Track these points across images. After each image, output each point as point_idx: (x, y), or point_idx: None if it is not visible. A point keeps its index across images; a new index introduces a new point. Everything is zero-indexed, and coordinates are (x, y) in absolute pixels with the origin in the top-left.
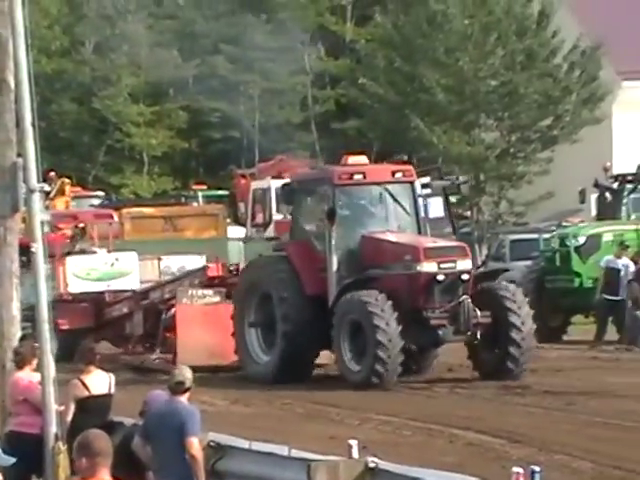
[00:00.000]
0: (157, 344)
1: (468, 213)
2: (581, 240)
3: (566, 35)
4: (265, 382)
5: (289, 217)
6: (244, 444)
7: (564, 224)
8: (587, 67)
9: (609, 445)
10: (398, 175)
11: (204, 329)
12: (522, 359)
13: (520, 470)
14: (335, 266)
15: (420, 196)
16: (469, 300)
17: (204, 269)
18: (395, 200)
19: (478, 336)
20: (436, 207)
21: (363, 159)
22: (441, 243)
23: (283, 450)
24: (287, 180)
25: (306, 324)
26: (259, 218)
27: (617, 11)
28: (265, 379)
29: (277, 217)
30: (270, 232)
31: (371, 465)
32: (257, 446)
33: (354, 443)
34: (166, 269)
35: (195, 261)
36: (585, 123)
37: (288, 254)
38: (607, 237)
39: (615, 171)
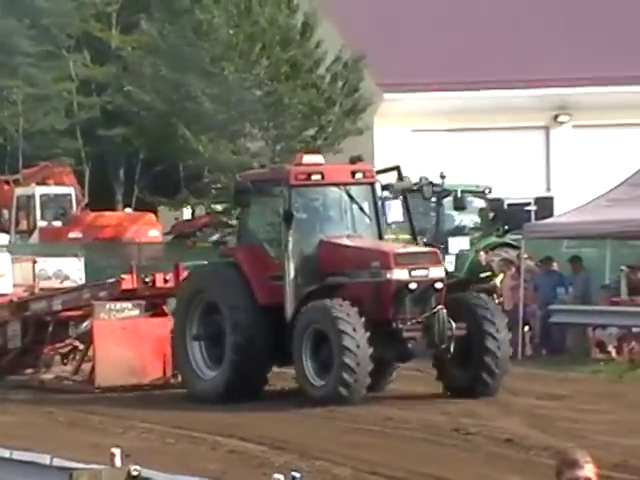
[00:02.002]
0: (40, 361)
1: (233, 222)
2: None
3: (329, 46)
4: (213, 400)
5: (55, 224)
6: (5, 453)
7: None
8: (349, 78)
9: (369, 451)
10: (358, 176)
11: (123, 345)
12: (498, 371)
13: (281, 477)
14: (292, 274)
15: (380, 199)
16: (444, 311)
17: (117, 282)
18: (355, 202)
19: (452, 349)
20: (395, 211)
21: (319, 158)
22: (412, 249)
23: (44, 459)
24: (239, 180)
25: (258, 336)
26: (23, 225)
27: (378, 24)
28: (213, 397)
29: (41, 224)
30: (35, 239)
31: (134, 473)
32: (18, 455)
33: (117, 451)
34: (42, 272)
35: (73, 264)
36: (348, 133)
37: (237, 260)
38: None
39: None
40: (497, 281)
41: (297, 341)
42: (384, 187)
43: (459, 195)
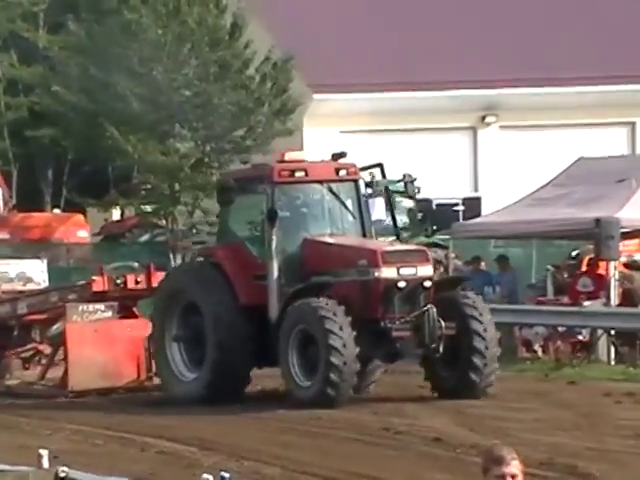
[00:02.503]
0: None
1: (163, 222)
2: None
3: (258, 47)
4: (193, 402)
5: None
6: None
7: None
8: (278, 79)
9: (298, 451)
10: (342, 173)
11: (96, 348)
12: (486, 370)
13: (210, 477)
14: (276, 273)
15: (364, 196)
16: (434, 310)
17: (88, 283)
18: (339, 200)
19: (441, 349)
20: (378, 209)
21: (301, 155)
22: (400, 247)
23: None
24: (222, 177)
25: (241, 337)
26: None
27: (308, 24)
28: (193, 399)
29: None
30: None
31: (61, 474)
32: None
33: (44, 453)
34: (4, 275)
35: (36, 266)
36: (277, 134)
37: (218, 260)
38: None
39: None
40: None
41: (283, 342)
42: (367, 184)
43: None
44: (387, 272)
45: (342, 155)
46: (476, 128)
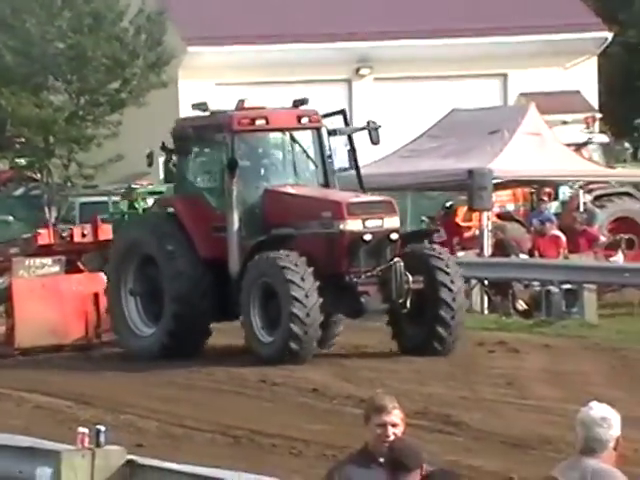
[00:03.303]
0: None
1: (38, 176)
2: (150, 202)
3: None
4: (150, 358)
5: None
6: None
7: (133, 186)
8: (152, 32)
9: (175, 405)
10: (304, 120)
11: (44, 304)
12: (453, 323)
13: (85, 430)
14: (236, 225)
15: (327, 144)
16: (401, 263)
17: (33, 237)
18: (301, 148)
19: (408, 304)
20: (341, 157)
21: (261, 102)
22: (365, 198)
23: None
24: (177, 125)
25: (199, 290)
26: None
27: None
28: (150, 354)
29: None
30: None
31: None
32: None
33: None
34: None
35: None
36: (152, 87)
37: (176, 211)
38: None
39: None
40: None
41: (244, 296)
42: (330, 132)
43: None
44: (352, 224)
45: (304, 102)
46: (351, 80)
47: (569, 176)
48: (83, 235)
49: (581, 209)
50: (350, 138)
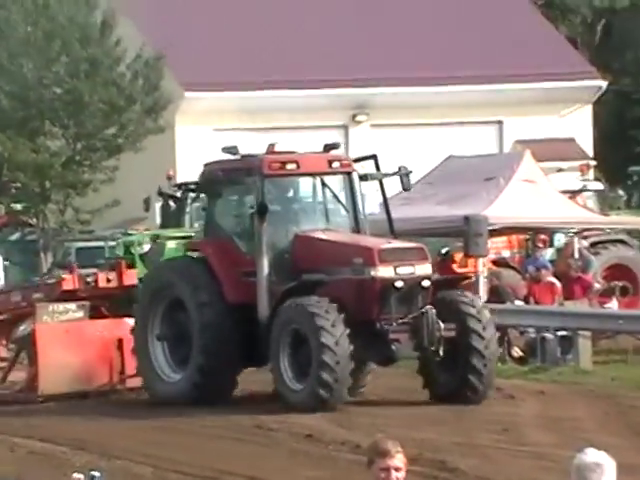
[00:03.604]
0: None
1: (34, 221)
2: (145, 247)
3: (129, 44)
4: (177, 403)
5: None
6: None
7: (129, 232)
8: (150, 76)
9: (170, 449)
10: (335, 165)
11: (67, 350)
12: (486, 371)
13: (80, 476)
14: (266, 270)
15: (359, 190)
16: (433, 311)
17: (57, 282)
18: (332, 194)
19: (441, 352)
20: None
21: (292, 146)
22: (397, 244)
23: None
24: (208, 168)
25: (228, 337)
26: None
27: (179, 23)
28: (177, 400)
29: None
30: None
31: None
32: None
33: None
34: None
35: None
36: (149, 132)
37: (205, 255)
38: (171, 244)
39: (179, 180)
40: None
41: (274, 343)
42: (361, 177)
43: None
44: (384, 271)
45: (335, 146)
46: (347, 126)
47: (564, 223)
48: (108, 280)
49: (576, 256)
50: (381, 183)
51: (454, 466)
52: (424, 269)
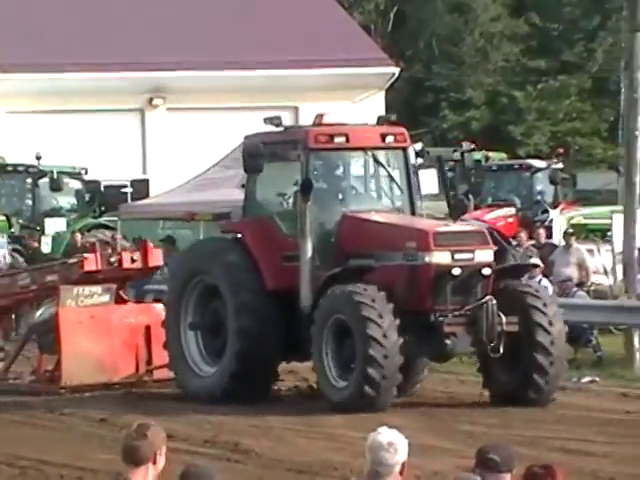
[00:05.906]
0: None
1: None
2: None
3: None
4: (211, 400)
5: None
6: None
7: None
8: None
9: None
10: (389, 139)
11: (92, 337)
12: (552, 370)
13: None
14: (309, 254)
15: (414, 167)
16: (494, 302)
17: (80, 262)
18: (385, 171)
19: (501, 348)
20: (429, 182)
21: (342, 117)
22: (455, 227)
23: None
24: (248, 141)
25: (267, 326)
26: None
27: None
28: (211, 396)
29: None
30: None
31: None
32: None
33: None
34: None
35: None
36: None
37: (243, 237)
38: None
39: None
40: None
41: (316, 334)
42: (417, 154)
43: (55, 176)
44: (439, 256)
45: (389, 119)
46: (144, 110)
47: None
48: (133, 260)
49: None
50: (440, 160)
51: (248, 448)
52: (485, 255)
